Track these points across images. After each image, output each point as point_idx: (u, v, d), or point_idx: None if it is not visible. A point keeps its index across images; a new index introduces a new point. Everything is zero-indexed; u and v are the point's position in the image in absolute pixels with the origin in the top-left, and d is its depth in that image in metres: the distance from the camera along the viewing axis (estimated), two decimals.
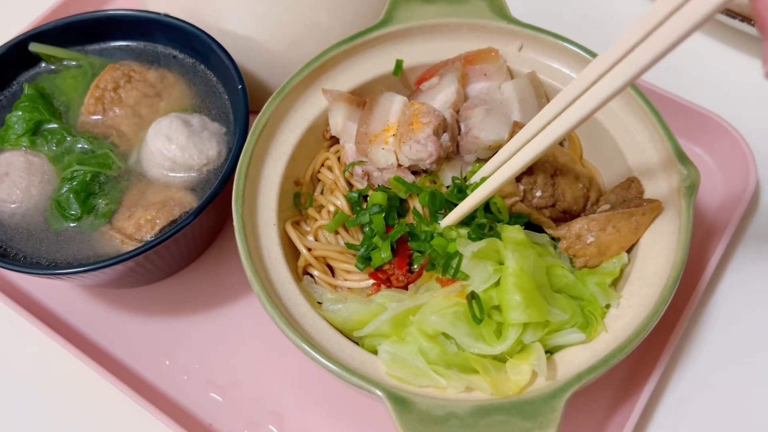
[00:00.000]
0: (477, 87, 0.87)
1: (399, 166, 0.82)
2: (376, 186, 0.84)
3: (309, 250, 0.83)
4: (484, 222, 0.77)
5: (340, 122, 0.86)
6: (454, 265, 0.74)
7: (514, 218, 0.79)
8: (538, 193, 0.80)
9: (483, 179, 0.78)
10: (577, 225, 0.78)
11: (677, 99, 0.99)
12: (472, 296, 0.71)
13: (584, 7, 1.19)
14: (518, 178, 0.79)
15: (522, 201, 0.79)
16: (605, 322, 0.73)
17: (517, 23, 0.89)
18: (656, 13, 0.58)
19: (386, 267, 0.79)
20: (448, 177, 0.84)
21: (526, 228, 0.78)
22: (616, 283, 0.78)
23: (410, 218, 0.82)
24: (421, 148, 0.80)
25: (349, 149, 0.87)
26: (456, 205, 0.78)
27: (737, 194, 0.94)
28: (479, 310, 0.70)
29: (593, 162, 0.89)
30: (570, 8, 1.19)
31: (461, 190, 0.80)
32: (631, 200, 0.79)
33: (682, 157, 0.79)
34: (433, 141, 0.80)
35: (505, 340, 0.70)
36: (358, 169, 0.85)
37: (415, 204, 0.82)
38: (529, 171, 0.79)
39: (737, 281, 0.93)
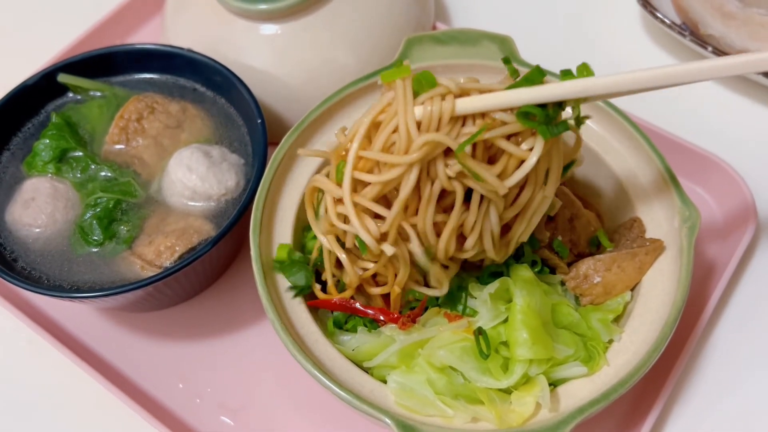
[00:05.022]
0: None
1: None
2: None
3: None
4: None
5: None
6: (462, 302, 0.77)
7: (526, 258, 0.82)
8: (559, 238, 0.83)
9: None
10: (584, 266, 0.81)
11: (680, 141, 1.02)
12: (479, 332, 0.73)
13: (589, 51, 1.23)
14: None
15: (545, 247, 0.82)
16: (608, 357, 0.76)
17: (527, 65, 0.92)
18: None
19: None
20: None
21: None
22: (618, 319, 0.81)
23: None
24: None
25: None
26: None
27: (737, 234, 0.96)
28: (486, 345, 0.73)
29: (599, 201, 0.92)
30: (575, 52, 1.23)
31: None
32: (634, 240, 0.82)
33: (684, 198, 0.82)
34: None
35: (512, 375, 0.72)
36: None
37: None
38: (551, 216, 0.82)
39: (737, 319, 0.95)
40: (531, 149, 0.67)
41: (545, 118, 0.66)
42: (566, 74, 0.69)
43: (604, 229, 0.88)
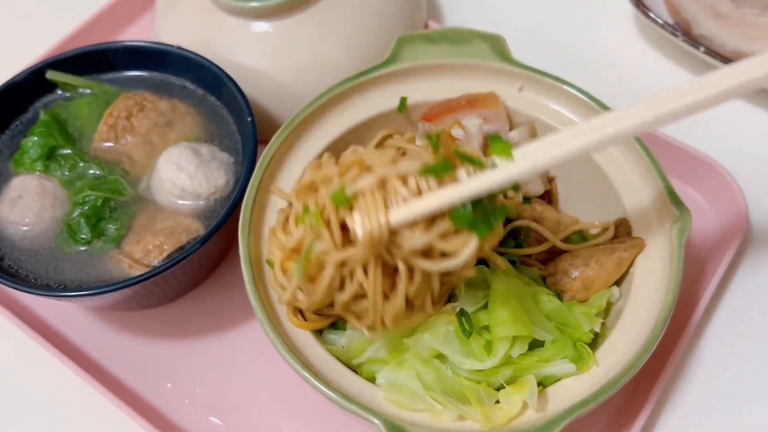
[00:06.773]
0: None
1: None
2: None
3: None
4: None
5: None
6: None
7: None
8: (522, 237, 0.84)
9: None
10: (562, 261, 0.82)
11: (673, 141, 1.02)
12: (461, 313, 0.74)
13: (581, 50, 1.23)
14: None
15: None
16: (597, 357, 0.76)
17: (518, 65, 0.92)
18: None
19: None
20: None
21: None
22: (603, 315, 0.81)
23: None
24: None
25: None
26: None
27: (729, 235, 0.96)
28: (468, 324, 0.74)
29: (589, 202, 0.92)
30: (567, 50, 1.23)
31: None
32: (620, 239, 0.82)
33: (675, 199, 0.81)
34: None
35: (495, 355, 0.73)
36: None
37: None
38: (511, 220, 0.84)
39: (728, 319, 0.95)
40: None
41: (481, 214, 0.64)
42: (495, 141, 0.65)
43: (585, 231, 0.89)
